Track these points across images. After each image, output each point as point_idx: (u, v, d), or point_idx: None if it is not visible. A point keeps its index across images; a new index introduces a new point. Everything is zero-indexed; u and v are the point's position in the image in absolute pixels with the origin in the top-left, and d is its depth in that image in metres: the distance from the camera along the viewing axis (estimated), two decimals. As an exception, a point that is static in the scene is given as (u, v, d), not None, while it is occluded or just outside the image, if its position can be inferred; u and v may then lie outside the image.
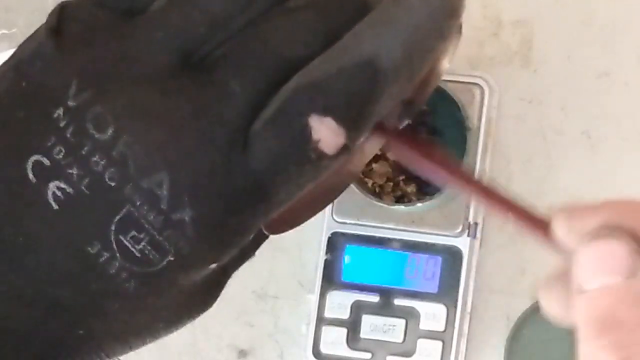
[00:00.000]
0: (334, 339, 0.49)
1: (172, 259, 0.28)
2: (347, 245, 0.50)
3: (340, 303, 0.49)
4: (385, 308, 0.49)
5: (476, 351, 0.50)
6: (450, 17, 0.28)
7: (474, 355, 0.50)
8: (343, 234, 0.50)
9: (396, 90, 0.28)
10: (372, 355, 0.49)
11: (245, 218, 0.28)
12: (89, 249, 0.27)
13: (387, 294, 0.49)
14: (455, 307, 0.49)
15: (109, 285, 0.28)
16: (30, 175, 0.27)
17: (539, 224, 0.29)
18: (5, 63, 0.29)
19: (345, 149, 0.27)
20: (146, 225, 0.27)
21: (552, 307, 0.29)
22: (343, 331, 0.49)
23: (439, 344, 0.49)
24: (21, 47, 0.29)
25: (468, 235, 0.49)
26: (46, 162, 0.27)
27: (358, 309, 0.49)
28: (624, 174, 0.50)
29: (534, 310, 0.49)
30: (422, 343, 0.49)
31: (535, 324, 0.49)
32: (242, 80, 0.27)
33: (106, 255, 0.27)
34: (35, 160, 0.27)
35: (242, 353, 0.52)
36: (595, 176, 0.51)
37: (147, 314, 0.29)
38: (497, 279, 0.51)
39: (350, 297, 0.49)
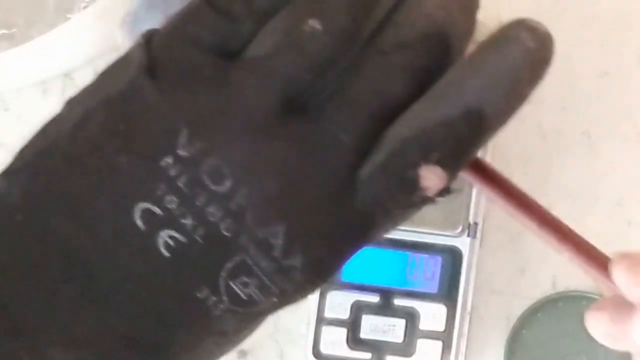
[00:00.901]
0: (334, 339, 0.49)
1: (275, 300, 0.28)
2: (347, 245, 0.50)
3: (340, 303, 0.49)
4: (385, 308, 0.49)
5: (476, 351, 0.50)
6: (546, 65, 0.29)
7: (474, 355, 0.50)
8: (343, 234, 0.50)
9: (493, 135, 0.29)
10: (372, 355, 0.49)
11: (347, 257, 0.29)
12: (197, 293, 0.28)
13: (387, 294, 0.49)
14: (455, 307, 0.48)
15: (211, 326, 0.28)
16: (139, 223, 0.27)
17: (598, 260, 0.29)
18: (86, 96, 0.29)
19: (444, 191, 0.29)
20: (257, 272, 0.28)
21: (598, 330, 0.30)
22: (343, 331, 0.49)
23: (439, 344, 0.48)
24: (106, 83, 0.29)
25: (468, 235, 0.49)
26: (157, 211, 0.27)
27: (358, 309, 0.49)
28: (624, 174, 0.50)
29: (534, 310, 0.49)
30: (422, 343, 0.49)
31: (535, 324, 0.49)
32: (348, 127, 0.28)
33: (213, 299, 0.28)
34: (144, 209, 0.27)
35: (242, 353, 0.52)
36: (595, 176, 0.51)
37: (234, 343, 0.30)
38: (497, 279, 0.51)
39: (350, 297, 0.49)
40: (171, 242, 0.27)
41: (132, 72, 0.28)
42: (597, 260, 0.30)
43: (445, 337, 0.48)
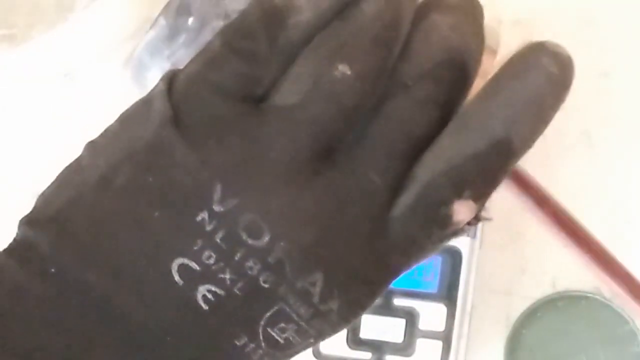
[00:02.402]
0: (334, 339, 0.49)
1: (312, 340, 0.29)
2: (347, 245, 0.50)
3: (340, 303, 0.49)
4: (384, 308, 0.49)
5: (476, 351, 0.50)
6: (568, 89, 0.29)
7: (474, 355, 0.50)
8: (343, 233, 0.50)
9: (519, 160, 0.29)
10: (372, 355, 0.49)
11: (381, 292, 0.29)
12: (236, 341, 0.28)
13: (386, 294, 0.49)
14: (455, 307, 0.48)
15: None
16: (177, 278, 0.27)
17: None
18: (108, 145, 0.28)
19: (474, 220, 0.29)
20: (295, 318, 0.28)
21: None
22: (343, 331, 0.49)
23: (439, 343, 0.48)
24: (128, 132, 0.28)
25: (468, 235, 0.49)
26: (195, 266, 0.27)
27: (358, 308, 0.49)
28: (624, 174, 0.50)
29: (534, 310, 0.49)
30: (421, 343, 0.49)
31: (535, 324, 0.49)
32: (379, 168, 0.28)
33: (252, 346, 0.28)
34: (181, 264, 0.27)
35: (242, 353, 0.52)
36: (595, 176, 0.51)
37: None
38: (497, 279, 0.51)
39: (350, 297, 0.49)
40: (210, 296, 0.27)
41: (156, 123, 0.27)
42: None
43: (445, 337, 0.48)
